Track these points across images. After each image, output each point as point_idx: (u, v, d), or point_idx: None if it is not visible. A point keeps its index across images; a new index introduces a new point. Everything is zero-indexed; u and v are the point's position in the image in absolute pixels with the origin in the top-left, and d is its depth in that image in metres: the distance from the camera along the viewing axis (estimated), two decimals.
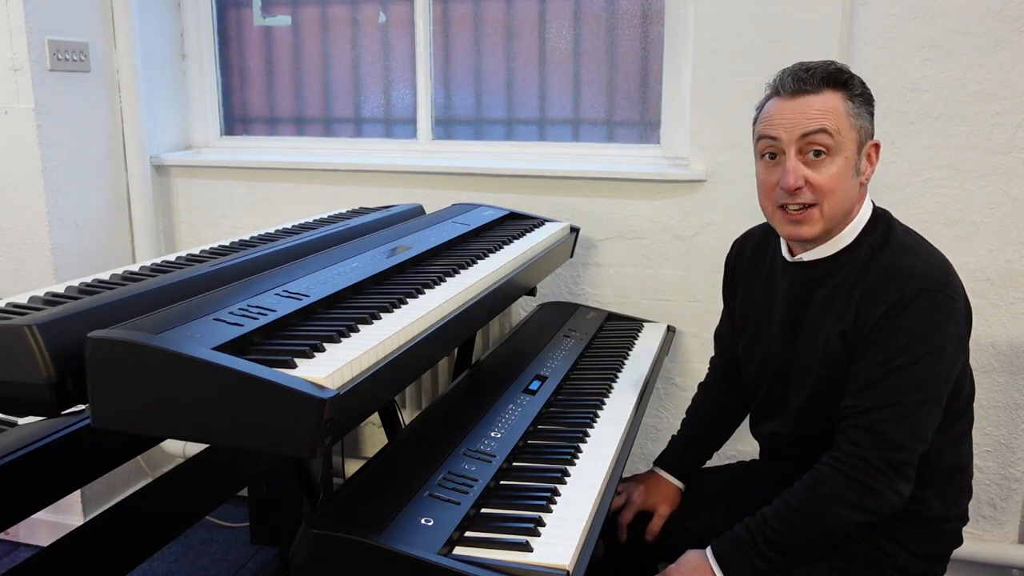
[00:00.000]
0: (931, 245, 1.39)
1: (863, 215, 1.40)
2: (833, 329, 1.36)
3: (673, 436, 1.75)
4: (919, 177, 2.10)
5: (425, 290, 1.46)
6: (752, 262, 1.59)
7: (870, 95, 1.38)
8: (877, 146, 1.39)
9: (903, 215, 2.10)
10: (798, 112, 1.32)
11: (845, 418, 1.31)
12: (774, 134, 1.35)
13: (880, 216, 1.42)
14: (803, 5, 2.07)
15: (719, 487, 1.67)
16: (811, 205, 1.33)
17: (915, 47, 2.05)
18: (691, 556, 1.38)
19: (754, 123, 1.43)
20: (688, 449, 1.72)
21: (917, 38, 2.04)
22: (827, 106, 1.31)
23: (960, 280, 1.35)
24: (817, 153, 1.31)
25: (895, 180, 2.11)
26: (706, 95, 2.20)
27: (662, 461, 1.70)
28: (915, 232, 1.42)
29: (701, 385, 1.80)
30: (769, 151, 1.37)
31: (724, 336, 1.74)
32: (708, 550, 1.36)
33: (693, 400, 1.79)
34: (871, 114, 1.37)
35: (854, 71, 1.38)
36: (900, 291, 1.28)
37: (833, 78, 1.33)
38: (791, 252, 1.47)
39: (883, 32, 2.06)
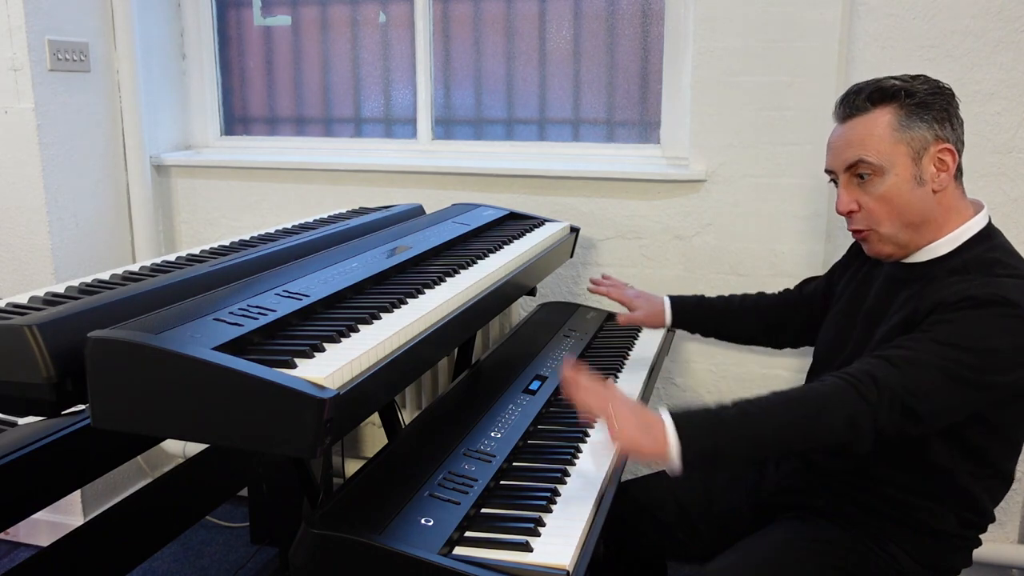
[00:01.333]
0: None
1: (967, 229, 1.35)
2: (901, 318, 1.33)
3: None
4: None
5: (425, 290, 1.46)
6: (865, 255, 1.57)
7: (928, 101, 1.33)
8: (949, 150, 1.33)
9: None
10: (842, 141, 1.37)
11: (870, 355, 1.25)
12: (828, 165, 1.42)
13: (988, 236, 1.36)
14: (803, 5, 2.07)
15: (721, 486, 1.66)
16: (868, 229, 1.37)
17: (915, 47, 2.05)
18: (639, 409, 1.25)
19: None
20: (701, 301, 1.86)
21: (917, 38, 2.04)
22: (867, 130, 1.34)
23: None
24: (863, 175, 1.35)
25: None
26: (706, 95, 2.20)
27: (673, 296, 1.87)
28: (1022, 261, 1.34)
29: (759, 293, 1.86)
30: (832, 178, 1.43)
31: (814, 288, 1.73)
32: (664, 410, 1.24)
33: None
34: (933, 119, 1.33)
35: (853, 71, 1.38)
36: (973, 292, 1.24)
37: (879, 95, 1.34)
38: None
39: (883, 32, 2.06)
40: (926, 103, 1.33)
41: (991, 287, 1.24)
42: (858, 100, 1.36)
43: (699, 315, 1.85)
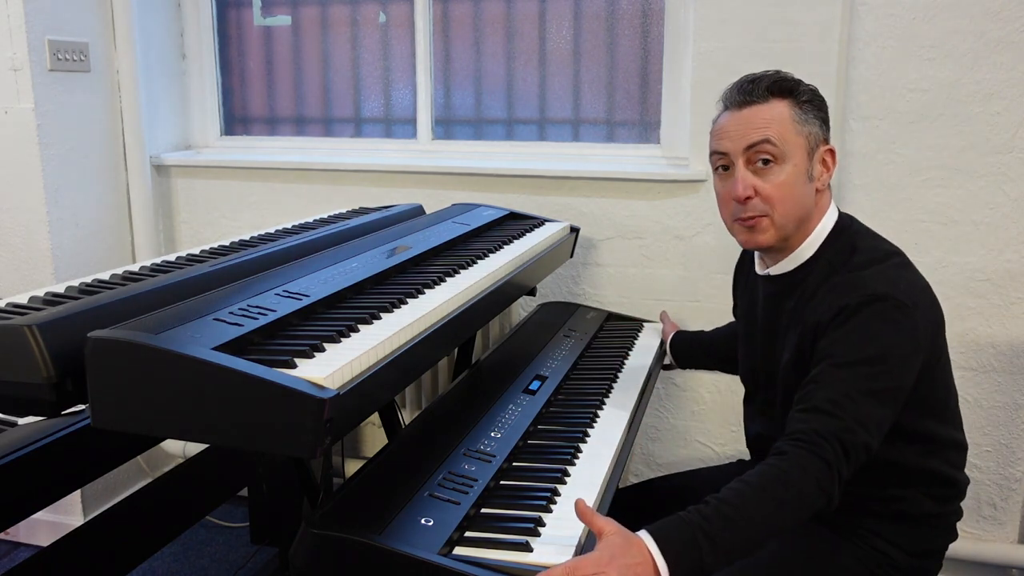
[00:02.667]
0: (895, 257, 1.36)
1: (824, 226, 1.40)
2: (799, 342, 1.37)
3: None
4: (919, 177, 2.10)
5: (425, 290, 1.46)
6: (749, 269, 1.62)
7: (821, 101, 1.39)
8: (832, 152, 1.40)
9: (903, 215, 2.12)
10: (744, 124, 1.36)
11: (795, 408, 1.26)
12: (723, 148, 1.39)
13: (844, 228, 1.41)
14: (803, 5, 2.07)
15: (721, 486, 1.67)
16: (762, 216, 1.36)
17: (915, 47, 2.05)
18: (623, 544, 1.08)
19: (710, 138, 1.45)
20: (698, 337, 1.93)
21: (917, 38, 2.04)
22: (772, 115, 1.34)
23: (923, 292, 1.32)
24: (765, 162, 1.35)
25: (895, 180, 2.11)
26: (706, 95, 2.20)
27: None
28: (881, 242, 1.40)
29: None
30: (721, 164, 1.41)
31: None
32: (644, 534, 1.11)
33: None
34: (823, 120, 1.38)
35: (853, 71, 1.38)
36: (845, 300, 1.28)
37: (778, 87, 1.36)
38: (764, 263, 1.49)
39: (883, 32, 2.06)
40: (815, 103, 1.38)
41: (857, 289, 1.27)
42: (756, 89, 1.36)
43: (700, 339, 1.93)
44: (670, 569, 1.07)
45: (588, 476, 1.37)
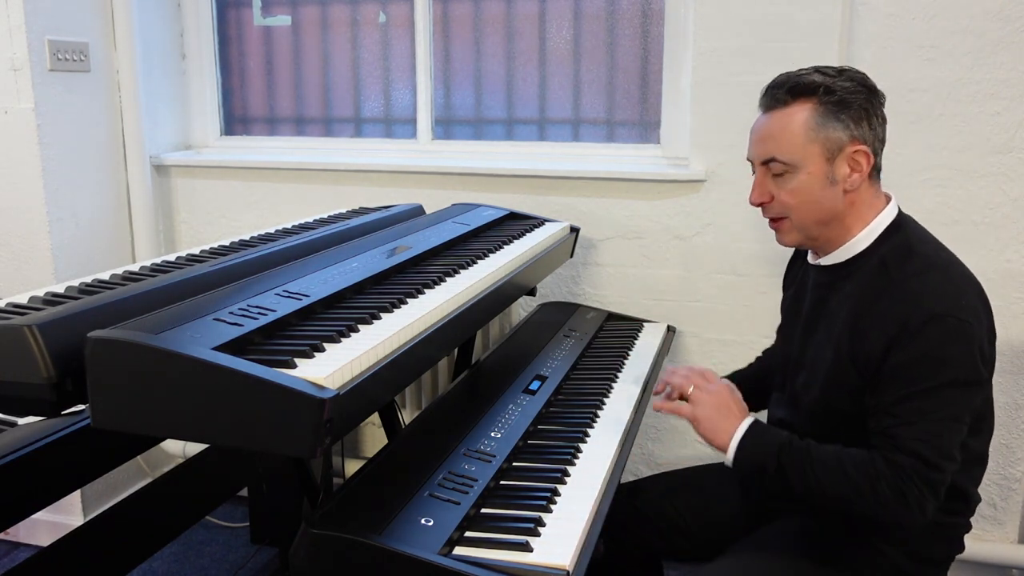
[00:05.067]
0: (953, 263, 1.36)
1: (880, 221, 1.38)
2: (841, 338, 1.36)
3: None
4: (919, 177, 2.10)
5: (425, 290, 1.46)
6: (803, 259, 1.60)
7: (848, 99, 1.33)
8: (861, 151, 1.34)
9: None
10: (759, 133, 1.39)
11: (879, 439, 1.27)
12: (748, 153, 1.44)
13: (900, 226, 1.39)
14: (803, 5, 2.07)
15: (721, 486, 1.67)
16: (781, 217, 1.40)
17: (915, 47, 2.05)
18: (734, 403, 1.42)
19: None
20: (754, 377, 1.75)
21: (917, 38, 2.04)
22: (782, 127, 1.35)
23: (979, 299, 1.32)
24: (779, 171, 1.37)
25: (895, 180, 2.10)
26: (706, 95, 2.20)
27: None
28: (938, 247, 1.39)
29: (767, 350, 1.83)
30: (752, 167, 1.45)
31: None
32: (753, 418, 1.39)
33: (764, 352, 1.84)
34: (850, 119, 1.33)
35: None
36: (905, 316, 1.26)
37: (799, 89, 1.34)
38: (815, 254, 1.48)
39: (883, 32, 2.06)
40: (845, 102, 1.33)
41: (918, 305, 1.26)
42: (779, 93, 1.36)
43: (759, 379, 1.74)
44: (738, 446, 1.34)
45: (588, 476, 1.37)
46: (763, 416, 1.55)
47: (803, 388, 1.45)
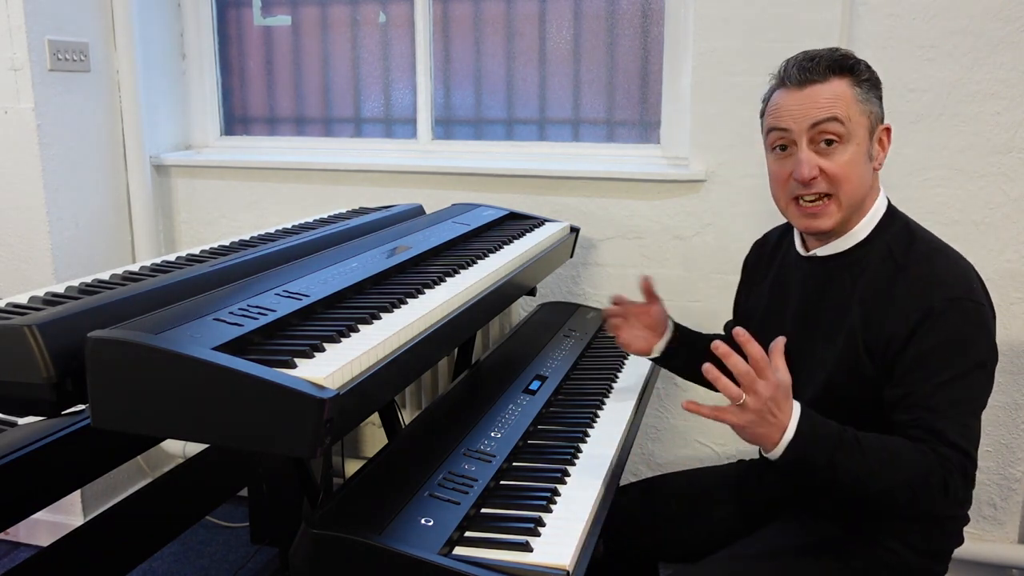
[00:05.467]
0: (950, 248, 1.37)
1: (878, 208, 1.39)
2: (852, 328, 1.35)
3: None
4: (919, 177, 2.10)
5: (425, 290, 1.46)
6: (768, 261, 1.59)
7: (877, 79, 1.35)
8: (888, 130, 1.37)
9: None
10: (807, 102, 1.30)
11: (920, 432, 1.25)
12: (784, 125, 1.33)
13: (895, 212, 1.40)
14: (803, 5, 2.07)
15: (721, 486, 1.67)
16: (827, 196, 1.32)
17: (915, 47, 2.05)
18: (785, 397, 1.19)
19: (761, 115, 1.42)
20: (700, 339, 1.70)
21: (917, 38, 2.04)
22: (836, 93, 1.30)
23: (979, 279, 1.34)
24: (829, 142, 1.30)
25: (895, 180, 2.11)
26: (706, 95, 2.20)
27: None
28: (931, 233, 1.41)
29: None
30: (780, 143, 1.36)
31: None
32: (798, 408, 1.21)
33: None
34: (879, 98, 1.35)
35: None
36: (928, 301, 1.26)
37: (839, 64, 1.31)
38: (805, 246, 1.45)
39: (883, 32, 2.06)
40: (873, 81, 1.34)
41: (937, 289, 1.27)
42: (817, 67, 1.31)
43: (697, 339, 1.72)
44: (788, 446, 1.18)
45: (588, 476, 1.37)
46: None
47: (806, 382, 1.41)
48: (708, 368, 1.20)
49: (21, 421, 1.41)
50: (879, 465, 1.22)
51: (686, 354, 1.69)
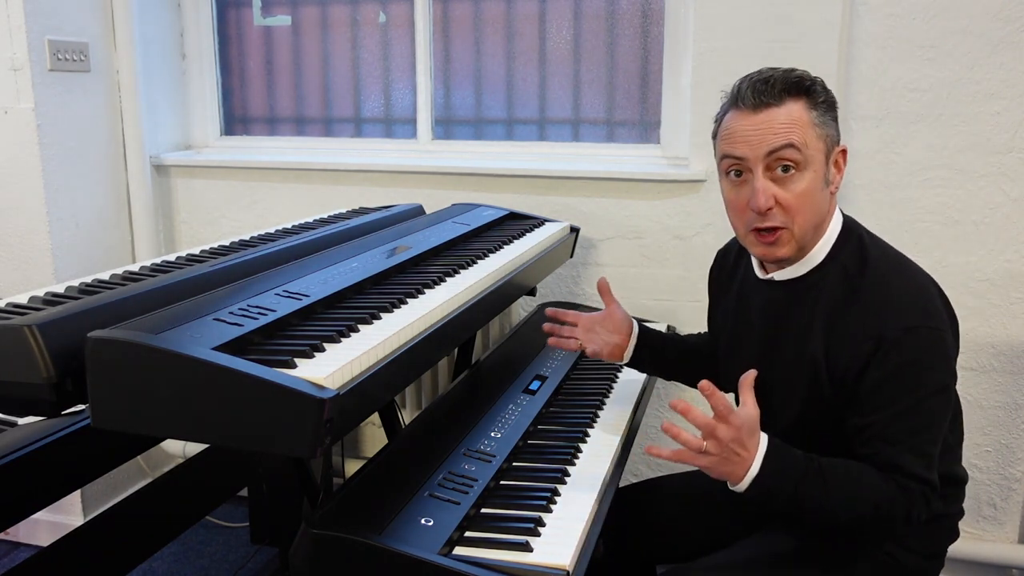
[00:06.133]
0: (907, 263, 1.35)
1: (833, 229, 1.35)
2: (815, 357, 1.32)
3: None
4: (919, 177, 2.10)
5: (425, 290, 1.46)
6: (731, 274, 1.57)
7: (833, 100, 1.30)
8: (844, 152, 1.32)
9: (903, 215, 2.11)
10: (763, 127, 1.25)
11: (880, 464, 1.25)
12: (739, 153, 1.27)
13: (850, 229, 1.36)
14: (803, 5, 2.07)
15: (720, 488, 1.66)
16: (780, 228, 1.28)
17: (915, 47, 2.05)
18: (751, 431, 1.22)
19: (714, 136, 1.35)
20: (661, 337, 1.69)
21: (917, 38, 2.04)
22: (792, 118, 1.24)
23: (940, 299, 1.31)
24: (786, 168, 1.25)
25: (895, 180, 2.11)
26: (706, 95, 2.20)
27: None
28: (887, 247, 1.37)
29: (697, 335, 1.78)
30: (735, 169, 1.30)
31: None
32: (764, 440, 1.24)
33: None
34: (835, 119, 1.30)
35: (853, 71, 1.35)
36: (880, 330, 1.24)
37: (796, 86, 1.26)
38: (764, 269, 1.42)
39: (883, 32, 2.06)
40: (829, 102, 1.30)
41: (890, 318, 1.25)
42: (771, 90, 1.25)
43: (663, 341, 1.71)
44: (752, 482, 1.22)
45: (588, 476, 1.37)
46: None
47: (778, 410, 1.39)
48: (667, 427, 1.22)
49: (21, 421, 1.41)
50: (842, 495, 1.24)
51: (649, 356, 1.67)
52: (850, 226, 1.37)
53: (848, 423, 1.29)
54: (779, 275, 1.38)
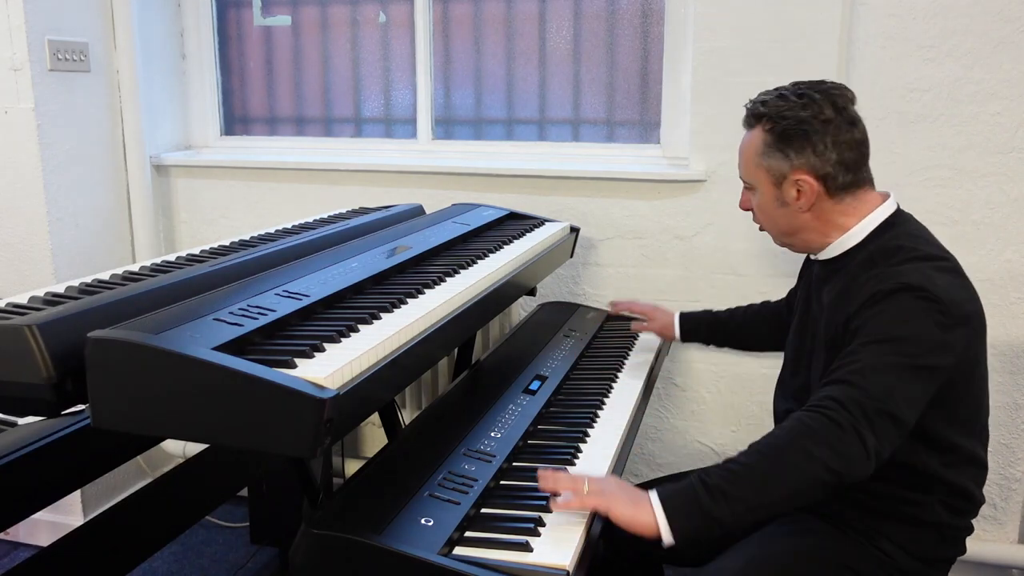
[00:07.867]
0: (941, 260, 1.33)
1: (872, 219, 1.39)
2: (828, 326, 1.39)
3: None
4: (919, 177, 2.10)
5: (425, 290, 1.46)
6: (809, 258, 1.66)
7: (792, 131, 1.36)
8: (805, 180, 1.37)
9: None
10: (739, 152, 1.49)
11: (811, 402, 1.25)
12: None
13: (893, 224, 1.40)
14: (803, 5, 2.07)
15: None
16: (760, 226, 1.51)
17: (915, 47, 2.05)
18: (625, 485, 1.22)
19: None
20: (709, 315, 1.94)
21: (917, 38, 2.04)
22: (745, 145, 1.45)
23: (966, 293, 1.31)
24: (748, 185, 1.48)
25: (895, 180, 2.11)
26: (706, 95, 2.20)
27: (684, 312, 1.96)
28: (929, 245, 1.37)
29: (764, 302, 1.91)
30: None
31: (791, 294, 1.81)
32: (653, 493, 1.20)
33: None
34: (792, 150, 1.37)
35: (853, 71, 1.39)
36: (878, 287, 1.28)
37: (753, 115, 1.43)
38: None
39: (883, 32, 2.06)
40: (786, 134, 1.38)
41: (892, 277, 1.28)
42: (747, 116, 1.45)
43: (708, 327, 1.93)
44: (665, 509, 1.17)
45: None
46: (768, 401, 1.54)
47: (806, 381, 1.47)
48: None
49: (21, 421, 1.41)
50: (763, 479, 1.17)
51: (705, 332, 1.94)
52: (894, 220, 1.41)
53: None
54: (821, 255, 1.48)
